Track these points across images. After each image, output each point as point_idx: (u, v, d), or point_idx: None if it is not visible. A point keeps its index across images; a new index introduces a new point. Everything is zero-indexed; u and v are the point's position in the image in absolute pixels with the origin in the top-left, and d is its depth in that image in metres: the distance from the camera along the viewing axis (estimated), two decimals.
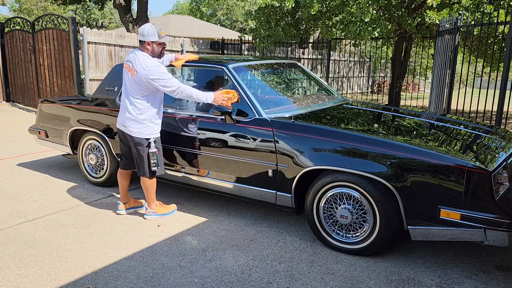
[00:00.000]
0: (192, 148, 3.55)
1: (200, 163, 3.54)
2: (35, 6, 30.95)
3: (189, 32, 18.53)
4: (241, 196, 3.42)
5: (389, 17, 8.36)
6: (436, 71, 7.15)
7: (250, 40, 12.61)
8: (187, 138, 3.57)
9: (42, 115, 4.81)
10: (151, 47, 3.22)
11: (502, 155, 2.86)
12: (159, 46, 3.24)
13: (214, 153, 3.43)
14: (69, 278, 2.63)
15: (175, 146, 3.64)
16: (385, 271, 2.74)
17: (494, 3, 7.80)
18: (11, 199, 4.02)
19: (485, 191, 2.48)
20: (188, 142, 3.56)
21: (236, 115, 3.33)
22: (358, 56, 17.28)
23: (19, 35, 9.65)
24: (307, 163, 2.98)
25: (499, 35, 7.84)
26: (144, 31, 3.18)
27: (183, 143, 3.60)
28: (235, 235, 3.26)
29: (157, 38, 3.19)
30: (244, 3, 31.65)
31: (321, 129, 3.05)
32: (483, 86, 16.28)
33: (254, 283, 2.59)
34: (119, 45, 9.22)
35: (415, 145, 2.73)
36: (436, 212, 2.58)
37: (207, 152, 3.46)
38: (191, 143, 3.54)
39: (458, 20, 6.15)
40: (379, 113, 3.93)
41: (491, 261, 2.89)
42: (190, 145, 3.55)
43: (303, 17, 8.78)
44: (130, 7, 13.06)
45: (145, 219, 3.54)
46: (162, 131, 3.50)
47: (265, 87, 3.99)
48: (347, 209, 2.90)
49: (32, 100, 9.74)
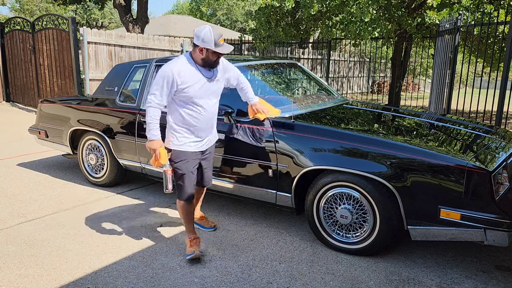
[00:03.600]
0: None
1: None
2: (36, 6, 30.96)
3: (189, 32, 18.52)
4: (241, 196, 3.42)
5: (389, 17, 8.36)
6: (436, 71, 7.15)
7: (250, 40, 12.61)
8: None
9: (42, 115, 4.81)
10: (204, 54, 2.69)
11: (502, 155, 2.86)
12: (214, 55, 2.70)
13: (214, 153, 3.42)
14: (69, 278, 2.63)
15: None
16: (385, 271, 2.73)
17: (494, 3, 7.80)
18: (11, 199, 4.02)
19: (485, 191, 2.48)
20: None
21: (236, 115, 3.33)
22: (358, 56, 17.28)
23: (19, 35, 9.65)
24: (307, 163, 2.98)
25: (499, 35, 7.84)
26: (200, 34, 2.65)
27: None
28: (235, 235, 3.26)
29: (213, 47, 2.64)
30: (244, 3, 31.64)
31: (321, 129, 3.05)
32: (483, 86, 16.28)
33: (254, 283, 2.59)
34: (119, 45, 9.22)
35: (415, 145, 2.73)
36: (436, 212, 2.58)
37: None
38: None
39: (458, 20, 6.15)
40: (379, 113, 3.93)
41: (491, 261, 2.89)
42: None
43: (303, 17, 8.78)
44: (130, 7, 13.06)
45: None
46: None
47: (265, 87, 3.99)
48: (347, 209, 2.90)
49: (32, 100, 9.74)
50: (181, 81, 2.69)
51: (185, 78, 2.70)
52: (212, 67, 2.78)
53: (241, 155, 3.28)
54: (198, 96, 2.77)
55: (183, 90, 2.71)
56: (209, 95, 2.81)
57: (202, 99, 2.80)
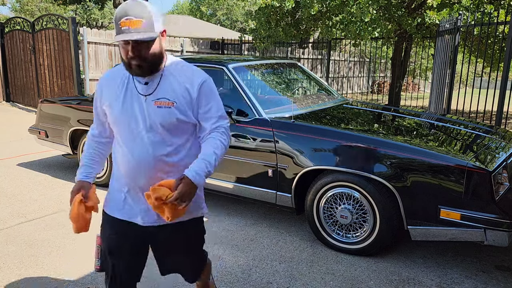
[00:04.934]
0: None
1: None
2: (36, 6, 30.96)
3: (189, 32, 18.52)
4: (241, 196, 3.42)
5: (389, 17, 8.36)
6: (436, 71, 7.15)
7: (250, 40, 12.61)
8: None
9: (42, 115, 4.81)
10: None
11: (502, 155, 2.86)
12: (124, 49, 1.54)
13: None
14: (69, 278, 2.63)
15: None
16: (385, 271, 2.73)
17: (494, 3, 7.80)
18: (11, 199, 4.02)
19: (485, 191, 2.48)
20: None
21: (236, 115, 3.33)
22: (358, 56, 17.27)
23: (19, 35, 9.65)
24: (307, 163, 2.98)
25: (499, 35, 7.83)
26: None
27: None
28: (235, 235, 3.26)
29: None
30: (244, 3, 31.64)
31: (321, 129, 3.05)
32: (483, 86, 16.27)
33: (254, 283, 2.59)
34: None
35: (415, 145, 2.73)
36: (436, 212, 2.58)
37: None
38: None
39: (458, 20, 6.15)
40: (379, 113, 3.93)
41: (491, 261, 2.89)
42: None
43: (303, 17, 8.78)
44: None
45: None
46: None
47: (265, 87, 3.99)
48: (347, 209, 2.90)
49: (32, 100, 9.74)
50: (102, 96, 1.68)
51: (108, 90, 1.66)
52: (134, 73, 1.56)
53: (241, 155, 3.28)
54: (118, 123, 1.62)
55: (106, 112, 1.67)
56: (141, 125, 1.59)
57: (126, 133, 1.61)
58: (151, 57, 1.54)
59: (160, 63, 1.59)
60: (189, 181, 1.53)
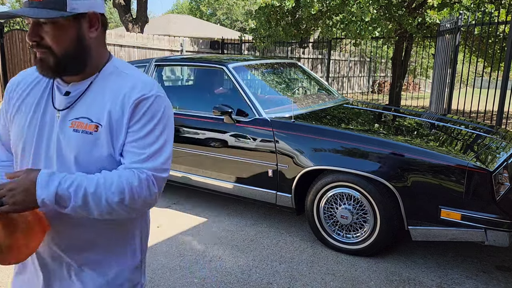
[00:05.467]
0: (192, 148, 3.54)
1: (200, 163, 3.53)
2: None
3: (189, 32, 18.51)
4: (241, 196, 3.41)
5: (390, 16, 8.35)
6: (436, 71, 7.14)
7: (250, 40, 12.60)
8: (187, 137, 3.56)
9: None
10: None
11: (502, 155, 2.85)
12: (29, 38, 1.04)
13: (214, 153, 3.42)
14: None
15: (175, 146, 3.63)
16: (386, 272, 2.73)
17: (495, 2, 7.79)
18: None
19: (485, 191, 2.47)
20: (188, 141, 3.55)
21: (236, 115, 3.32)
22: (358, 56, 17.26)
23: (18, 35, 9.65)
24: (307, 163, 2.97)
25: (500, 34, 7.82)
26: None
27: (183, 143, 3.59)
28: (235, 236, 3.25)
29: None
30: (244, 3, 31.63)
31: (322, 129, 3.04)
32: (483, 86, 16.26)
33: (254, 283, 2.58)
34: (119, 45, 9.21)
35: (416, 145, 2.73)
36: (437, 212, 2.57)
37: (207, 152, 3.46)
38: (191, 143, 3.53)
39: (459, 20, 6.14)
40: (379, 113, 3.92)
41: (492, 261, 2.88)
42: (190, 145, 3.54)
43: (303, 16, 8.77)
44: (130, 6, 13.04)
45: None
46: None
47: (265, 87, 3.99)
48: (348, 209, 2.89)
49: None
50: (11, 103, 1.19)
51: (19, 96, 1.17)
52: (39, 72, 1.07)
53: (241, 155, 3.28)
54: (16, 146, 1.16)
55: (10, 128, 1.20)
56: (43, 157, 1.11)
57: (23, 163, 1.15)
58: (59, 50, 1.03)
59: (81, 63, 1.07)
60: (31, 178, 0.98)
